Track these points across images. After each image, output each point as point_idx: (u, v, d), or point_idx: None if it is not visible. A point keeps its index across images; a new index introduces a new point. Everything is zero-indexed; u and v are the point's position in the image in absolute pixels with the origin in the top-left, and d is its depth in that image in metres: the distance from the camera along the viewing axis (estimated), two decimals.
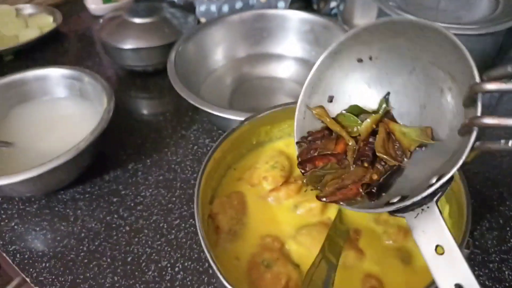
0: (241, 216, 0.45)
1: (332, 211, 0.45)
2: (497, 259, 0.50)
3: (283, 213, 0.45)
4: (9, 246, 0.56)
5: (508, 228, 0.53)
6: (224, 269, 0.36)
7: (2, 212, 0.60)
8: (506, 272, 0.48)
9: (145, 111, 0.79)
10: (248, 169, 0.50)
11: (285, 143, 0.52)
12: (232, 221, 0.44)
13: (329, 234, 0.40)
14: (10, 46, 0.87)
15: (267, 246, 0.41)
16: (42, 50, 0.92)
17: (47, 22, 0.95)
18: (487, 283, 0.48)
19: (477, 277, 0.48)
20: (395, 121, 0.39)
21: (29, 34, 0.91)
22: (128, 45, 0.77)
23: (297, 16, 0.77)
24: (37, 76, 0.68)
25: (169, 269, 0.52)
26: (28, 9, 1.00)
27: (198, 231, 0.38)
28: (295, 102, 0.51)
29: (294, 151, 0.50)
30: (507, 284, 0.47)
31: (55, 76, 0.68)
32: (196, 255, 0.53)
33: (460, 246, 0.35)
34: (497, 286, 0.47)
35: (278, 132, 0.53)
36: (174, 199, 0.60)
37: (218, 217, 0.44)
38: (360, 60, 0.41)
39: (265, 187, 0.48)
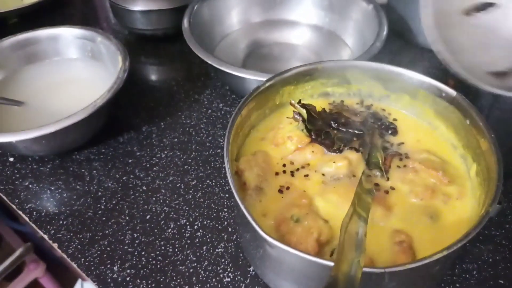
0: (267, 174, 0.44)
1: (359, 170, 0.45)
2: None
3: (309, 172, 0.45)
4: (25, 204, 0.55)
5: None
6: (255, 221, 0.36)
7: (16, 171, 0.59)
8: None
9: (156, 77, 0.77)
10: (272, 129, 0.49)
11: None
12: (258, 178, 0.43)
13: (357, 191, 0.40)
14: (14, 7, 0.84)
15: (295, 203, 0.41)
16: (47, 14, 0.89)
17: None
18: (503, 242, 0.49)
19: (493, 236, 0.49)
20: None
21: None
22: (138, 6, 0.75)
23: None
24: (49, 35, 0.66)
25: (188, 227, 0.52)
26: None
27: (231, 185, 0.38)
28: (319, 63, 0.51)
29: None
30: None
31: (67, 36, 0.67)
32: (214, 214, 0.53)
33: (493, 201, 0.35)
34: None
35: (301, 94, 0.52)
36: (190, 160, 0.60)
37: (245, 173, 0.43)
38: None
39: (289, 147, 0.47)
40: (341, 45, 0.73)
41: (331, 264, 0.31)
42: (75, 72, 0.67)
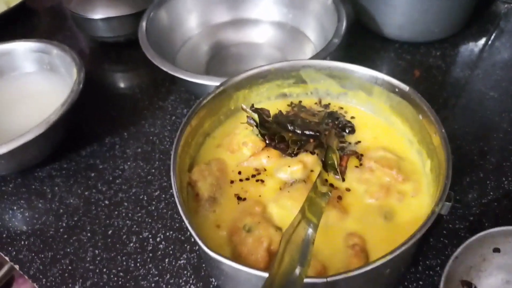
0: (221, 183, 0.44)
1: (315, 173, 0.44)
2: (477, 212, 0.50)
3: (265, 177, 0.44)
4: None
5: (488, 182, 0.53)
6: (206, 237, 0.35)
7: None
8: (486, 224, 0.49)
9: (120, 84, 0.76)
10: (227, 135, 0.49)
11: (266, 107, 0.51)
12: (212, 188, 0.43)
13: (309, 195, 0.39)
14: None
15: (249, 211, 0.41)
16: (9, 26, 0.88)
17: None
18: (467, 235, 0.48)
19: (458, 230, 0.49)
20: None
21: None
22: (98, 14, 0.73)
23: None
24: (3, 50, 0.65)
25: (151, 239, 0.51)
26: None
27: (176, 198, 0.37)
28: (271, 64, 0.50)
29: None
30: None
31: (22, 50, 0.65)
32: (177, 225, 0.52)
33: (440, 199, 0.35)
34: None
35: (257, 97, 0.51)
36: (153, 170, 0.59)
37: (198, 184, 0.43)
38: None
39: (245, 153, 0.47)
40: (304, 40, 0.72)
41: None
42: (34, 86, 0.66)
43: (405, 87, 0.45)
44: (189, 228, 0.35)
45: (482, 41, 0.75)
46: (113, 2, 0.74)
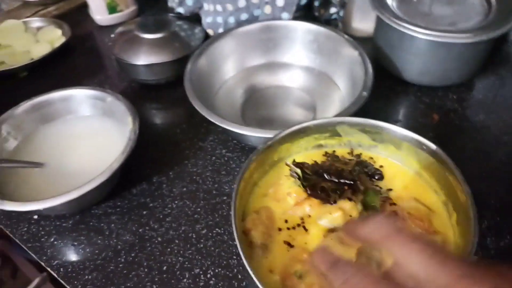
0: (270, 230, 0.50)
1: (352, 219, 0.50)
2: (495, 255, 0.56)
3: (309, 225, 0.50)
4: (52, 261, 0.61)
5: (505, 226, 0.59)
6: (261, 281, 0.41)
7: (41, 228, 0.64)
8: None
9: (161, 123, 0.83)
10: (272, 185, 0.55)
11: (304, 157, 0.57)
12: (263, 236, 0.48)
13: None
14: (24, 63, 0.90)
15: (298, 258, 0.47)
16: (53, 65, 0.95)
17: (56, 36, 0.98)
18: None
19: None
20: None
21: (40, 49, 0.94)
22: (141, 61, 0.80)
23: (301, 27, 0.81)
24: (62, 96, 0.72)
25: (202, 276, 0.57)
26: (35, 22, 1.02)
27: (239, 250, 0.43)
28: (311, 122, 0.57)
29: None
30: None
31: (79, 96, 0.72)
32: (225, 262, 0.58)
33: (469, 254, 0.40)
34: None
35: (297, 148, 0.58)
36: (199, 209, 0.65)
37: (251, 233, 0.49)
38: None
39: (289, 201, 0.53)
40: (332, 86, 0.79)
41: None
42: (90, 128, 0.72)
43: (433, 146, 0.51)
44: (251, 274, 0.41)
45: (496, 85, 0.81)
46: (155, 49, 0.81)
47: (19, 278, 1.32)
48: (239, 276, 0.57)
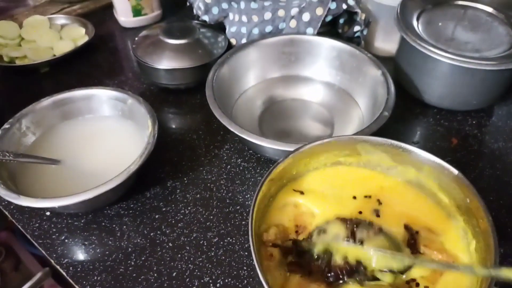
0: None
1: None
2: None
3: None
4: (62, 259, 0.60)
5: None
6: None
7: (52, 226, 0.64)
8: None
9: (178, 127, 0.83)
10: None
11: (321, 174, 0.57)
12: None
13: None
14: (46, 58, 0.91)
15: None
16: (75, 62, 0.96)
17: (79, 34, 0.99)
18: None
19: None
20: None
21: (63, 46, 0.95)
22: (163, 65, 0.81)
23: (325, 43, 0.81)
24: (84, 95, 0.72)
25: (211, 284, 0.57)
26: (60, 19, 1.03)
27: (255, 264, 0.42)
28: (333, 137, 0.57)
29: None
30: None
31: (100, 96, 0.72)
32: (235, 272, 0.58)
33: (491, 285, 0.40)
34: None
35: (315, 163, 0.57)
36: (211, 217, 0.65)
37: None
38: None
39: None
40: (352, 104, 0.79)
41: None
42: (108, 129, 0.72)
43: (455, 171, 0.51)
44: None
45: None
46: (178, 55, 0.81)
47: (21, 270, 1.32)
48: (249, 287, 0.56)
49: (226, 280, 0.57)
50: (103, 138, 0.71)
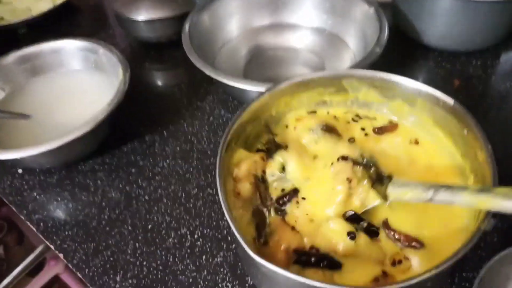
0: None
1: None
2: None
3: None
4: (33, 215, 0.57)
5: None
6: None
7: (24, 183, 0.61)
8: None
9: (160, 83, 0.78)
10: None
11: (305, 112, 0.52)
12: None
13: None
14: (23, 19, 0.86)
15: None
16: (55, 23, 0.91)
17: None
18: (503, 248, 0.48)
19: (494, 243, 0.48)
20: None
21: (41, 6, 0.90)
22: (141, 16, 0.76)
23: None
24: (52, 48, 0.68)
25: (189, 236, 0.53)
26: None
27: (222, 204, 0.38)
28: (315, 73, 0.51)
29: (313, 121, 0.51)
30: None
31: (70, 49, 0.68)
32: (214, 223, 0.54)
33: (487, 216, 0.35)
34: None
35: (297, 103, 0.52)
36: (191, 169, 0.61)
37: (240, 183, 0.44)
38: None
39: None
40: (343, 47, 0.73)
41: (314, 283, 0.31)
42: (80, 83, 0.68)
43: (451, 101, 0.45)
44: (236, 233, 0.36)
45: None
46: (156, 5, 0.76)
47: (25, 245, 1.31)
48: (229, 238, 0.52)
49: (205, 231, 0.53)
50: (74, 92, 0.67)
